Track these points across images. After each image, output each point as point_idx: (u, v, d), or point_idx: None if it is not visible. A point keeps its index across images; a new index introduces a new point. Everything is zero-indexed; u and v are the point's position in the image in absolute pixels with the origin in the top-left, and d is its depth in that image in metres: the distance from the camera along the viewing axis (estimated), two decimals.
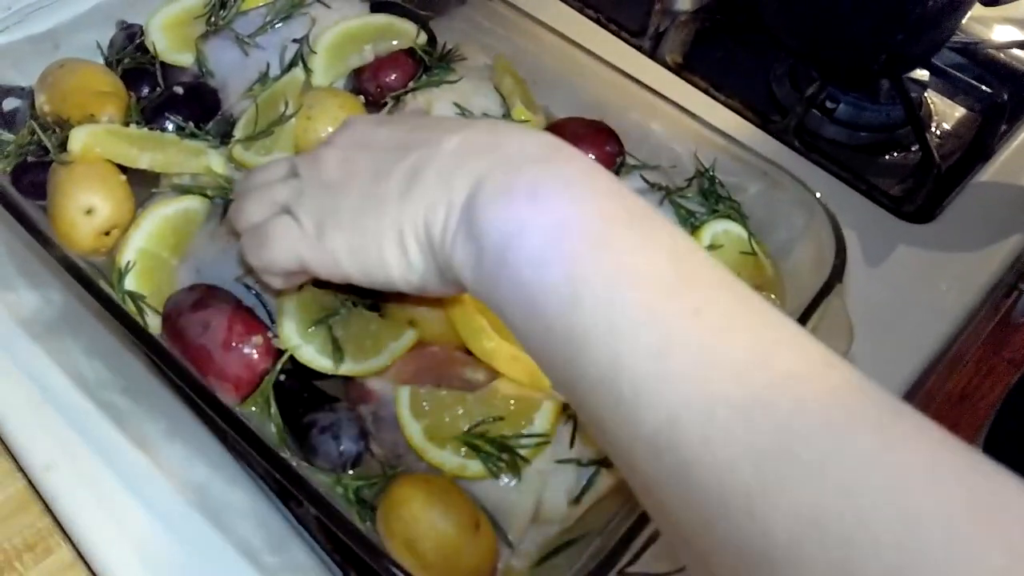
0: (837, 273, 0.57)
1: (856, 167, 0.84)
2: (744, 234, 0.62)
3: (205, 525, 0.56)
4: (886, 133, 0.89)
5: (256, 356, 0.51)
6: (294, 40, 0.69)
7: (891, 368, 0.69)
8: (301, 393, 0.52)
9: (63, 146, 0.60)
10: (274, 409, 0.51)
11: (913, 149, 0.88)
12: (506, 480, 0.48)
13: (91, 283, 0.52)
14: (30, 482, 0.58)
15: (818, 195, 0.63)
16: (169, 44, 0.69)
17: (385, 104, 0.69)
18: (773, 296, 0.62)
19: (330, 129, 0.65)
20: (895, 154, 0.89)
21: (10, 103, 0.70)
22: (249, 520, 0.57)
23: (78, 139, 0.59)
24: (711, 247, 0.60)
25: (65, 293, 0.66)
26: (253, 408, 0.52)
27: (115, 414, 0.60)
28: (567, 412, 0.50)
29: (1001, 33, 1.00)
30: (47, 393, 0.61)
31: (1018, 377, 0.89)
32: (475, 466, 0.48)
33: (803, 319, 0.54)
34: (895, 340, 0.70)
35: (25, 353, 0.62)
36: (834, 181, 0.83)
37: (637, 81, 0.70)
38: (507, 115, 0.68)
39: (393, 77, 0.70)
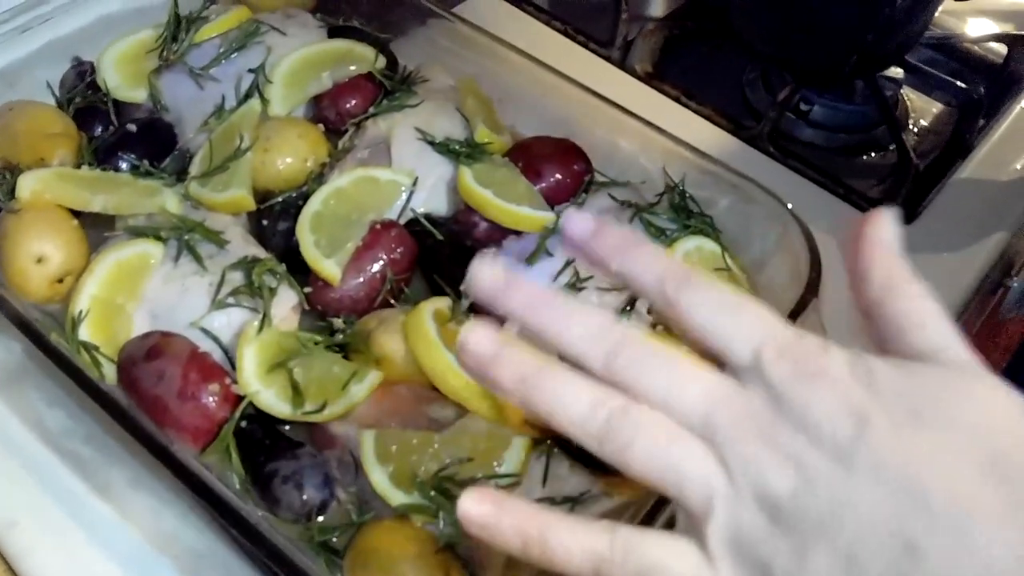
0: (812, 288, 0.55)
1: (833, 170, 0.83)
2: (717, 249, 0.61)
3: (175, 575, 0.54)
4: (863, 133, 0.88)
5: (214, 404, 0.50)
6: (250, 70, 0.67)
7: None
8: (264, 440, 0.50)
9: (13, 192, 0.58)
10: (235, 458, 0.50)
11: (891, 148, 0.87)
12: None
13: (40, 337, 0.50)
14: None
15: (790, 206, 0.61)
16: (122, 80, 0.68)
17: (345, 131, 0.68)
18: None
19: (288, 160, 0.64)
20: (873, 155, 0.87)
21: None
22: (219, 570, 0.55)
23: (26, 186, 0.57)
24: None
25: (25, 341, 0.63)
26: (214, 457, 0.50)
27: (79, 464, 0.59)
28: (538, 448, 0.49)
29: (976, 26, 0.98)
30: (8, 445, 0.59)
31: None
32: (446, 511, 0.46)
33: None
34: None
35: None
36: (811, 186, 0.81)
37: (603, 98, 0.69)
38: (470, 137, 0.66)
39: (353, 103, 0.68)
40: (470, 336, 0.31)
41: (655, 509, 0.46)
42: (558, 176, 0.65)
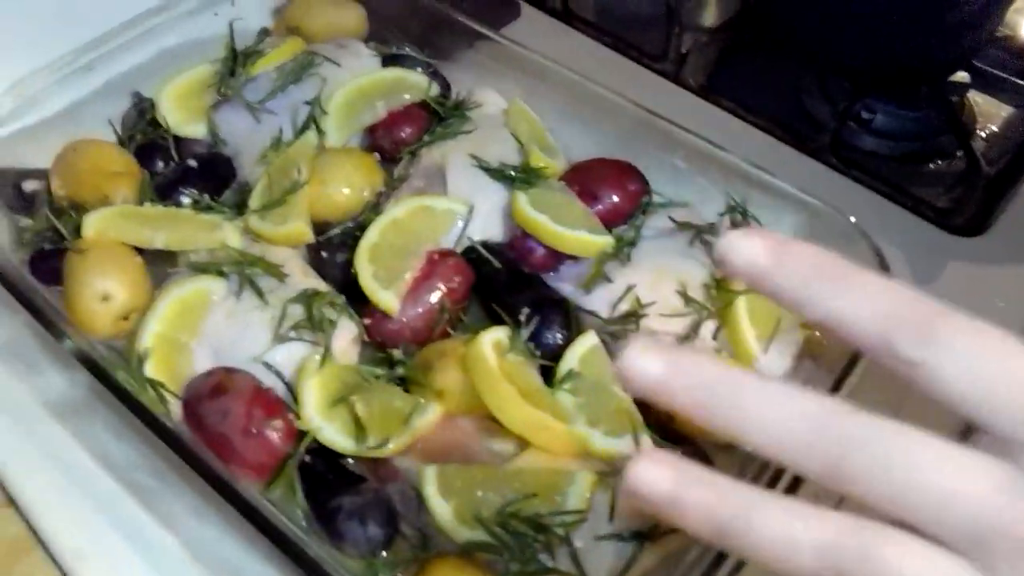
0: None
1: (898, 180, 0.80)
2: None
3: None
4: (928, 141, 0.85)
5: (277, 440, 0.50)
6: (305, 102, 0.68)
7: None
8: (326, 474, 0.50)
9: (79, 231, 0.60)
10: (299, 493, 0.50)
11: (958, 155, 0.83)
12: (544, 561, 0.45)
13: (106, 374, 0.51)
14: (63, 571, 0.58)
15: (854, 220, 0.59)
16: (180, 116, 0.69)
17: (400, 160, 0.68)
18: (818, 333, 0.59)
19: (345, 191, 0.64)
20: (939, 162, 0.84)
21: (30, 185, 0.70)
22: None
23: (91, 225, 0.58)
24: (747, 289, 0.57)
25: (90, 374, 0.65)
26: (279, 492, 0.50)
27: (144, 495, 0.59)
28: (603, 481, 0.48)
29: None
30: (75, 477, 0.60)
31: None
32: (510, 547, 0.46)
33: (850, 367, 0.50)
34: None
35: (52, 437, 0.62)
36: (876, 197, 0.79)
37: (658, 115, 0.67)
38: (524, 162, 0.65)
39: (407, 131, 0.69)
40: (639, 475, 0.24)
41: None
42: (615, 198, 0.64)
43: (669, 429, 0.52)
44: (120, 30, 0.74)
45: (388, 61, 0.72)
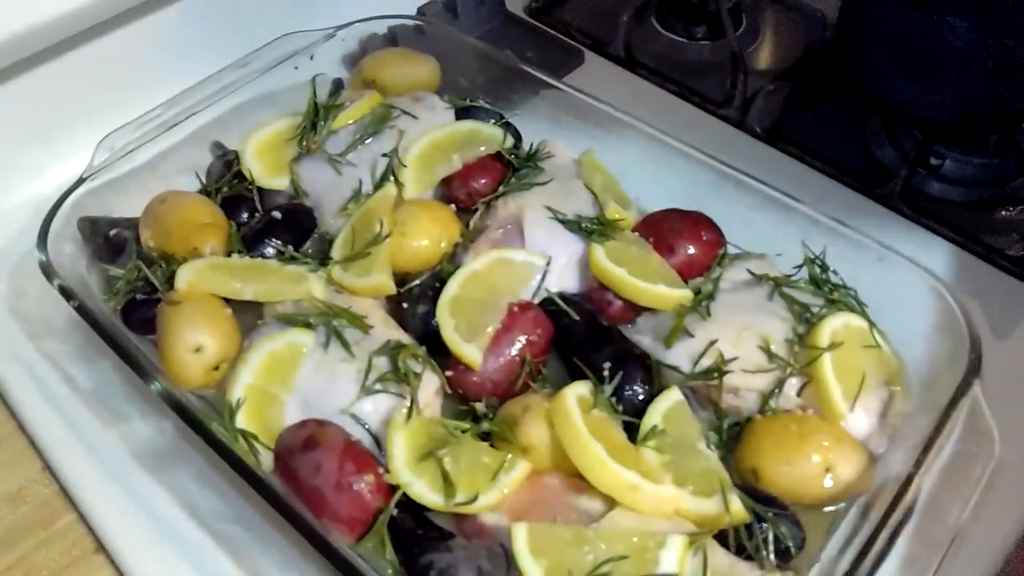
0: (974, 369, 0.52)
1: (969, 227, 0.79)
2: (865, 325, 0.59)
3: None
4: (998, 187, 0.84)
5: (368, 495, 0.51)
6: (384, 154, 0.69)
7: None
8: (415, 530, 0.51)
9: (170, 281, 0.61)
10: (389, 549, 0.50)
11: None
12: None
13: (200, 424, 0.52)
14: None
15: (939, 276, 0.59)
16: (264, 169, 0.71)
17: (475, 210, 0.69)
18: (898, 388, 0.58)
19: (424, 243, 0.65)
20: (1011, 209, 0.83)
21: (118, 235, 0.72)
22: None
23: (183, 278, 0.60)
24: (832, 345, 0.56)
25: (177, 422, 0.66)
26: (369, 546, 0.51)
27: (229, 545, 0.60)
28: (694, 543, 0.48)
29: None
30: (161, 524, 0.61)
31: None
32: None
33: (939, 426, 0.50)
34: None
35: (139, 485, 0.63)
36: (947, 245, 0.78)
37: (729, 165, 0.68)
38: (600, 214, 0.66)
39: (482, 183, 0.70)
40: None
41: None
42: (691, 249, 0.64)
43: (756, 490, 0.52)
44: (201, 86, 0.76)
45: (461, 113, 0.74)
